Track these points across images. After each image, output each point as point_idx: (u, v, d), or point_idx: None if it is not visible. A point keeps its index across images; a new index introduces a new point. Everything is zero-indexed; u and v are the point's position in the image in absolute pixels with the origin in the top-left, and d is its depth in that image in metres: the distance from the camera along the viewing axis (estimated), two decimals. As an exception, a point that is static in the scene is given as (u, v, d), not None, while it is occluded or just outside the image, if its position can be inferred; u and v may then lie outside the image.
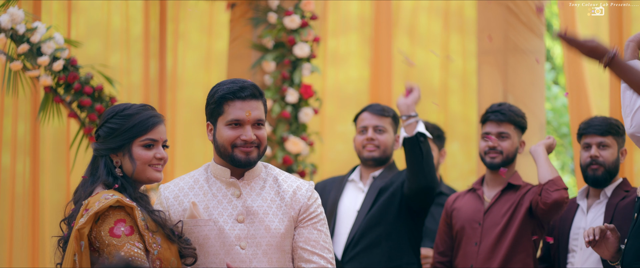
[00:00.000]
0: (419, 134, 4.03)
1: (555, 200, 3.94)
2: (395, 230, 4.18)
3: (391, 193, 4.20)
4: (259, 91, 3.00)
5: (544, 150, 4.09)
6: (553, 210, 3.98)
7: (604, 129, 4.06)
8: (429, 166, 4.02)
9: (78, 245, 2.76)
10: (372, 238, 4.16)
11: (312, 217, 3.03)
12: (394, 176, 4.27)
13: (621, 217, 3.96)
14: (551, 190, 3.95)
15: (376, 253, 4.16)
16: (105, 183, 2.88)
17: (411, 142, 4.02)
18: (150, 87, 5.82)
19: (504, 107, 4.18)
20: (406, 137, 4.04)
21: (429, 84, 6.15)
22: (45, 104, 4.84)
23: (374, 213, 4.20)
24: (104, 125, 2.93)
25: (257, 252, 2.95)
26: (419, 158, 3.99)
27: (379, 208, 4.20)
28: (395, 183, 4.22)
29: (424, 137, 4.04)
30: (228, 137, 2.96)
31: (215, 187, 3.02)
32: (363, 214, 4.21)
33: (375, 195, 4.23)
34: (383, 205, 4.20)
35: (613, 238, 3.45)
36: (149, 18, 5.84)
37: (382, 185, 4.24)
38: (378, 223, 4.18)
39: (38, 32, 4.67)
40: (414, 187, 4.07)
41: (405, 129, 4.06)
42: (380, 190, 4.23)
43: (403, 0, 6.21)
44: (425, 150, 4.01)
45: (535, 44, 5.79)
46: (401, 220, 4.18)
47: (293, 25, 5.73)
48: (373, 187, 4.27)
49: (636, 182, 5.21)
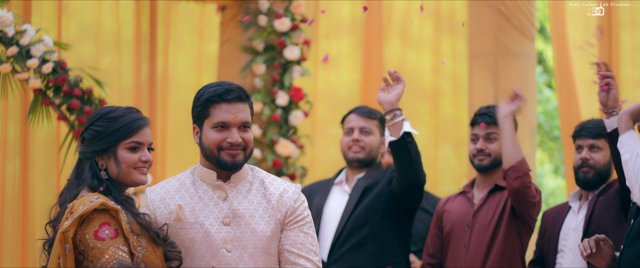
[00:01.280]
0: (405, 134, 3.98)
1: (516, 189, 3.93)
2: (381, 230, 4.17)
3: (377, 193, 4.19)
4: (245, 94, 3.00)
5: (511, 123, 4.01)
6: (517, 199, 3.97)
7: (596, 131, 4.07)
8: (418, 164, 4.00)
9: (62, 248, 2.76)
10: (358, 239, 4.16)
11: (298, 220, 3.03)
12: (379, 175, 4.26)
13: (602, 206, 3.97)
14: (512, 178, 3.94)
15: (362, 254, 4.15)
16: (91, 186, 2.88)
17: (399, 144, 3.98)
18: (142, 89, 5.81)
19: (491, 110, 4.19)
20: (393, 141, 4.00)
21: (421, 86, 6.16)
22: (34, 106, 4.83)
23: (359, 213, 4.20)
24: (89, 128, 2.93)
25: (243, 254, 2.95)
26: (408, 159, 3.97)
27: (364, 208, 4.19)
28: (381, 182, 4.21)
29: (410, 137, 3.99)
30: (214, 139, 2.96)
31: (201, 189, 3.02)
32: (348, 214, 4.21)
33: (359, 194, 4.22)
34: (369, 205, 4.19)
35: (606, 248, 3.47)
36: (140, 20, 5.84)
37: (367, 184, 4.24)
38: (364, 223, 4.17)
39: (27, 34, 4.66)
40: (403, 185, 4.06)
41: (390, 129, 4.00)
42: (365, 189, 4.23)
43: (395, 1, 6.22)
44: (413, 149, 3.98)
45: (527, 46, 5.80)
46: (388, 219, 4.17)
47: (283, 28, 5.73)
48: (357, 186, 4.27)
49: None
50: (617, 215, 3.86)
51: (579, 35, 5.77)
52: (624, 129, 3.37)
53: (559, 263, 4.08)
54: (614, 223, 3.85)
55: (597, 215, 3.96)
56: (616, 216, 3.88)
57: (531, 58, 5.84)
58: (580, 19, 5.78)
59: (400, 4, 6.25)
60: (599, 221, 3.96)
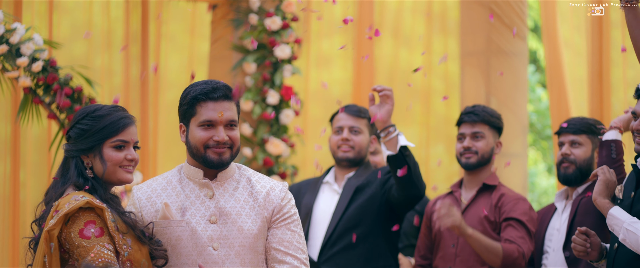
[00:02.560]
0: (402, 148, 3.92)
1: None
2: (373, 232, 4.17)
3: (370, 196, 4.18)
4: (231, 92, 3.00)
5: (474, 233, 4.01)
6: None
7: (577, 127, 4.07)
8: (417, 176, 3.96)
9: (48, 247, 2.76)
10: (349, 240, 4.15)
11: (285, 218, 3.03)
12: (370, 175, 4.25)
13: (583, 210, 3.98)
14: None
15: (353, 255, 4.15)
16: (76, 185, 2.89)
17: (397, 159, 3.91)
18: (132, 88, 5.80)
19: (477, 108, 4.21)
20: (390, 155, 3.92)
21: (413, 85, 6.15)
22: (24, 105, 4.83)
23: (351, 214, 4.18)
24: (75, 127, 2.93)
25: (230, 252, 2.95)
26: (408, 172, 3.93)
27: (356, 210, 4.18)
28: (373, 184, 4.20)
29: (408, 150, 3.93)
30: (200, 138, 2.97)
31: (188, 188, 3.02)
32: (339, 214, 4.20)
33: (351, 194, 4.21)
34: (361, 207, 4.18)
35: (594, 238, 3.48)
36: (129, 19, 5.82)
37: (358, 184, 4.23)
38: (356, 225, 4.17)
39: (17, 33, 4.66)
40: (403, 197, 4.03)
41: (386, 144, 3.92)
42: (356, 190, 4.22)
43: (386, 1, 6.21)
44: (411, 163, 3.92)
45: (518, 46, 5.81)
46: (380, 222, 4.17)
47: (274, 26, 5.73)
48: (348, 186, 4.26)
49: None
50: (597, 220, 3.85)
51: (569, 34, 5.78)
52: (606, 209, 3.38)
53: (544, 265, 4.08)
54: (594, 227, 3.86)
55: (579, 220, 3.97)
56: (596, 220, 3.87)
57: (523, 57, 5.84)
58: (572, 17, 5.79)
59: (392, 3, 6.25)
60: (580, 225, 3.96)
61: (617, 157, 3.70)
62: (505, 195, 4.14)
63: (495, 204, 4.12)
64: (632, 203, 3.39)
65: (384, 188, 4.16)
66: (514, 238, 4.01)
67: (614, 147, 3.71)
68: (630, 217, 3.27)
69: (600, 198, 3.41)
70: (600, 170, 3.46)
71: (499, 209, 4.11)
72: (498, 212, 4.11)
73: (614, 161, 3.69)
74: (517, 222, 4.06)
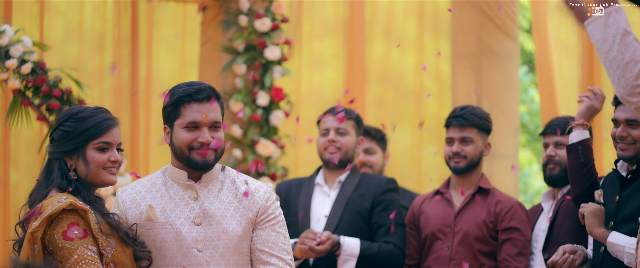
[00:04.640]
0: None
1: None
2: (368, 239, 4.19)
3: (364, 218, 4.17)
4: (215, 93, 3.01)
5: None
6: None
7: (561, 128, 4.06)
8: None
9: (31, 249, 2.76)
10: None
11: (270, 219, 3.04)
12: (364, 188, 4.23)
13: (563, 214, 3.98)
14: None
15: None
16: (60, 187, 2.89)
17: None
18: (123, 90, 5.79)
19: (466, 111, 4.16)
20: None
21: (404, 86, 6.15)
22: (13, 107, 4.83)
23: (345, 228, 4.17)
24: (58, 128, 2.93)
25: (215, 254, 2.96)
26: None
27: (350, 225, 4.17)
28: (366, 202, 4.19)
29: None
30: (185, 139, 2.97)
31: (172, 189, 3.02)
32: (333, 224, 4.18)
33: (343, 204, 4.20)
34: (355, 225, 4.17)
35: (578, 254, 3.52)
36: (120, 21, 5.82)
37: (350, 194, 4.22)
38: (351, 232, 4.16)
39: (6, 35, 4.66)
40: None
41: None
42: (348, 201, 4.21)
43: (378, 1, 6.21)
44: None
45: (510, 46, 5.81)
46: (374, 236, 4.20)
47: (264, 28, 5.73)
48: (341, 195, 4.24)
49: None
50: (575, 223, 3.85)
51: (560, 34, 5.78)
52: (604, 239, 3.41)
53: (530, 266, 4.08)
54: (572, 232, 3.87)
55: (558, 223, 3.97)
56: (575, 224, 3.87)
57: (514, 58, 5.84)
58: (562, 17, 5.78)
59: (384, 3, 6.25)
60: (559, 229, 3.96)
61: (585, 160, 3.67)
62: (502, 202, 4.13)
63: (494, 211, 4.10)
64: (617, 208, 3.40)
65: (375, 208, 4.18)
66: (513, 257, 4.04)
67: (580, 150, 3.68)
68: (628, 239, 3.30)
69: (595, 229, 3.43)
70: (581, 210, 3.51)
71: (497, 216, 4.09)
72: (496, 219, 4.09)
73: (582, 166, 3.66)
74: (517, 232, 4.06)
